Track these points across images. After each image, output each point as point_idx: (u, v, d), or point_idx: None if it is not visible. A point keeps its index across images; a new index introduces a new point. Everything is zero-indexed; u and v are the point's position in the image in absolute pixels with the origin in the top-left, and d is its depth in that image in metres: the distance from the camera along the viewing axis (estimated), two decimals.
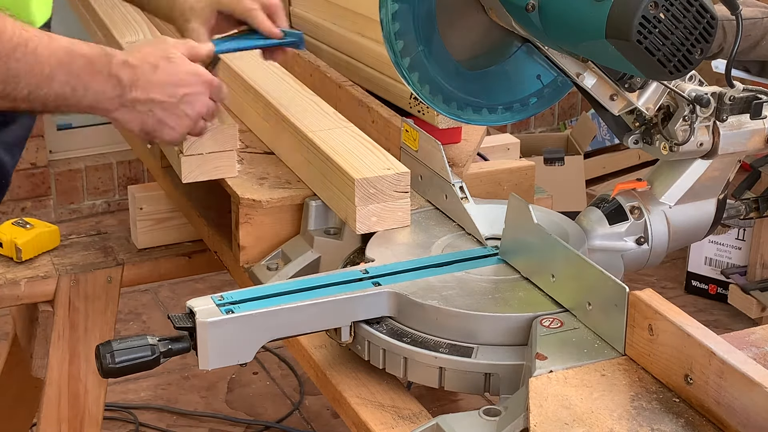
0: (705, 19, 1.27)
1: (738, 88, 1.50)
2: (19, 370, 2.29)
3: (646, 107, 1.48)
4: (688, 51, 1.28)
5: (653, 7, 1.24)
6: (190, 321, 1.32)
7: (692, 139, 1.50)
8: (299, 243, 1.69)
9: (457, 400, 2.78)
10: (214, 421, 3.05)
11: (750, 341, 1.28)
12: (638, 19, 1.24)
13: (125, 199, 3.99)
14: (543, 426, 1.16)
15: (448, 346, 1.36)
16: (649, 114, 1.49)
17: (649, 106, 1.48)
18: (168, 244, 2.16)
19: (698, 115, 1.49)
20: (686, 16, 1.27)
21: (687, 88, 1.49)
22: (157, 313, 3.54)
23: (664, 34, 1.26)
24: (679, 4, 1.26)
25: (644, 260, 1.56)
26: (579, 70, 1.46)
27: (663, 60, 1.28)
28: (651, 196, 1.56)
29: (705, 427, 1.17)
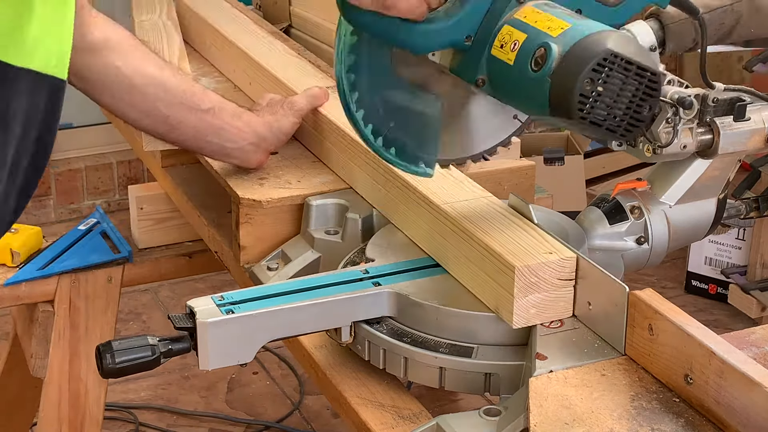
0: (646, 79, 1.22)
1: (719, 89, 1.50)
2: (19, 370, 2.29)
3: None
4: (636, 112, 1.24)
5: (590, 83, 1.19)
6: (190, 321, 1.32)
7: (675, 141, 1.50)
8: (299, 243, 1.69)
9: (457, 400, 2.78)
10: (214, 421, 3.05)
11: (750, 341, 1.28)
12: (577, 98, 1.19)
13: (125, 199, 3.99)
14: (543, 426, 1.16)
15: (448, 346, 1.36)
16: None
17: None
18: (168, 244, 2.17)
19: (681, 117, 1.49)
20: (626, 83, 1.21)
21: (670, 90, 1.49)
22: (157, 313, 3.54)
23: (607, 105, 1.21)
24: (616, 73, 1.20)
25: (644, 260, 1.56)
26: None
27: (611, 128, 1.23)
28: (651, 196, 1.56)
29: (705, 427, 1.17)
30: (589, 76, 1.19)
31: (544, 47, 1.22)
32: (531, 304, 1.32)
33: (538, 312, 1.33)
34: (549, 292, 1.33)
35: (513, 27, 1.28)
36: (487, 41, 1.30)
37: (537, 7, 1.28)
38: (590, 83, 1.19)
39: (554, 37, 1.22)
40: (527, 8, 1.29)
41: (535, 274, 1.31)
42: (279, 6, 2.50)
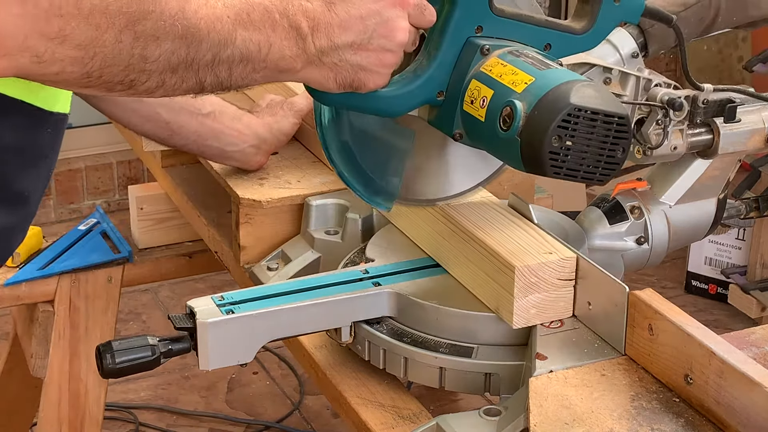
0: (614, 124, 1.21)
1: (708, 90, 1.50)
2: (19, 370, 2.29)
3: None
4: (609, 156, 1.22)
5: (557, 140, 1.19)
6: (190, 321, 1.32)
7: (666, 143, 1.50)
8: (299, 243, 1.69)
9: (457, 400, 2.78)
10: (214, 421, 3.05)
11: (750, 341, 1.28)
12: (547, 156, 1.19)
13: (125, 199, 3.99)
14: (543, 426, 1.16)
15: (448, 346, 1.36)
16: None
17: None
18: (168, 244, 2.17)
19: (672, 119, 1.49)
20: (593, 132, 1.20)
21: (660, 92, 1.49)
22: (157, 313, 3.54)
23: (579, 156, 1.21)
24: (582, 125, 1.19)
25: (644, 260, 1.57)
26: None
27: (587, 176, 1.23)
28: (651, 196, 1.56)
29: (705, 427, 1.17)
30: (556, 134, 1.18)
31: (510, 106, 1.21)
32: (531, 304, 1.32)
33: (538, 312, 1.33)
34: (549, 292, 1.33)
35: (480, 82, 1.28)
36: (458, 95, 1.30)
37: (502, 58, 1.28)
38: (558, 140, 1.19)
39: (519, 93, 1.22)
40: (492, 60, 1.28)
41: (535, 274, 1.31)
42: None
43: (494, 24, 1.30)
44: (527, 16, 1.33)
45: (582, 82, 1.21)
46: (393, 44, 1.21)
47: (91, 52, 1.03)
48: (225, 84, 1.16)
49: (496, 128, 1.23)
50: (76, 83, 1.07)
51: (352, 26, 1.19)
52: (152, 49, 1.06)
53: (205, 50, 1.10)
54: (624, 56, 1.52)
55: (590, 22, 1.34)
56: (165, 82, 1.10)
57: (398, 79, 1.29)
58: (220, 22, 1.10)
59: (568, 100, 1.18)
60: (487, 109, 1.26)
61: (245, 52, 1.13)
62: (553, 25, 1.34)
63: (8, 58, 1.01)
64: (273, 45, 1.15)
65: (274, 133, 1.80)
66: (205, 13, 1.09)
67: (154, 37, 1.06)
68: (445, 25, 1.29)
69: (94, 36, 1.02)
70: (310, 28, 1.17)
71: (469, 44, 1.30)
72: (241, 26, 1.12)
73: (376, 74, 1.23)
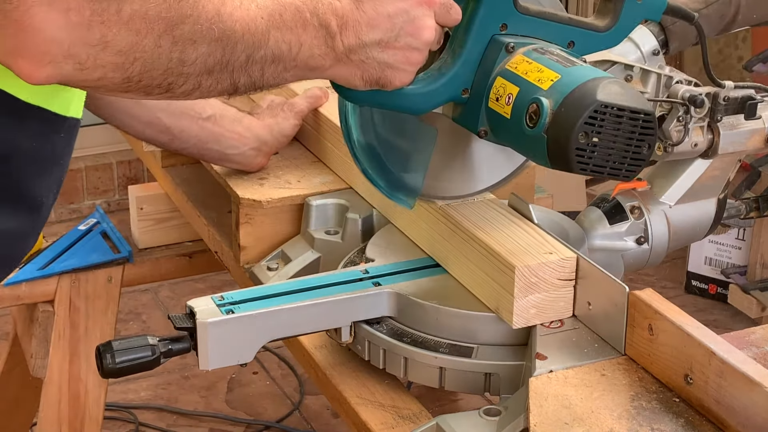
0: (640, 121, 1.21)
1: (729, 86, 1.50)
2: (19, 370, 2.29)
3: None
4: (635, 153, 1.23)
5: (584, 136, 1.19)
6: (190, 321, 1.32)
7: (687, 139, 1.50)
8: (299, 243, 1.69)
9: (457, 400, 2.78)
10: (214, 421, 3.05)
11: (750, 341, 1.28)
12: (574, 152, 1.20)
13: (125, 199, 3.99)
14: (543, 426, 1.16)
15: (448, 346, 1.36)
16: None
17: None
18: (168, 244, 2.17)
19: (693, 115, 1.49)
20: (620, 128, 1.21)
21: (681, 89, 1.49)
22: (157, 313, 3.54)
23: (605, 153, 1.21)
24: (608, 122, 1.20)
25: (644, 260, 1.57)
26: None
27: (613, 172, 1.24)
28: (651, 196, 1.56)
29: (705, 427, 1.17)
30: (582, 130, 1.19)
31: (536, 103, 1.22)
32: (531, 304, 1.32)
33: (538, 312, 1.33)
34: (549, 292, 1.33)
35: (505, 79, 1.28)
36: (483, 93, 1.31)
37: (527, 55, 1.29)
38: (585, 136, 1.19)
39: (545, 90, 1.22)
40: (518, 57, 1.29)
41: (535, 274, 1.31)
42: None
43: (519, 22, 1.31)
44: (551, 14, 1.33)
45: (608, 79, 1.22)
46: (419, 42, 1.23)
47: (131, 57, 1.06)
48: (258, 84, 1.17)
49: (522, 125, 1.24)
50: (117, 88, 1.09)
51: (379, 24, 1.20)
52: (190, 53, 1.09)
53: (240, 51, 1.12)
54: (645, 54, 1.52)
55: (613, 20, 1.35)
56: (201, 84, 1.12)
57: (423, 77, 1.30)
58: (254, 24, 1.13)
59: (595, 97, 1.19)
60: (513, 106, 1.26)
61: (277, 52, 1.15)
62: (576, 23, 1.34)
63: (53, 65, 1.03)
64: (303, 44, 1.17)
65: (274, 134, 1.80)
66: (239, 15, 1.11)
67: (191, 40, 1.08)
68: (470, 23, 1.30)
69: (135, 41, 1.05)
70: (339, 26, 1.18)
71: (494, 42, 1.30)
72: (274, 27, 1.14)
73: (402, 72, 1.24)
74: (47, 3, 1.00)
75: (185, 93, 1.13)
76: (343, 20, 1.19)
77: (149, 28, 1.05)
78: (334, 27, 1.18)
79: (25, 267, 2.01)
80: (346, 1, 1.20)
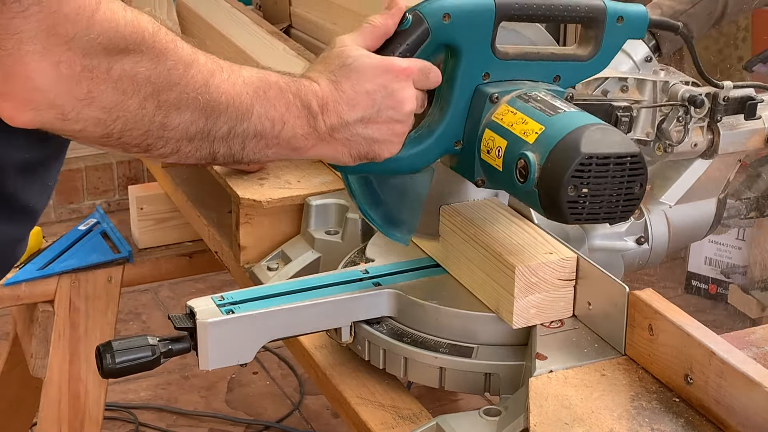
0: (627, 164, 1.21)
1: (728, 87, 1.50)
2: (19, 370, 2.29)
3: (646, 133, 1.50)
4: (627, 194, 1.23)
5: (573, 189, 1.20)
6: (190, 321, 1.32)
7: (686, 139, 1.50)
8: (299, 243, 1.69)
9: (457, 400, 2.78)
10: (214, 421, 3.05)
11: (750, 341, 1.28)
12: (565, 205, 1.20)
13: (125, 199, 3.99)
14: (543, 426, 1.16)
15: (448, 346, 1.36)
16: (650, 138, 1.50)
17: (648, 131, 1.50)
18: (168, 244, 2.17)
19: (692, 115, 1.49)
20: (607, 176, 1.21)
21: (681, 89, 1.49)
22: (157, 313, 3.54)
23: (597, 200, 1.21)
24: (595, 171, 1.20)
25: (644, 260, 1.57)
26: None
27: (608, 216, 1.24)
28: (651, 196, 1.56)
29: (705, 427, 1.17)
30: (571, 183, 1.19)
31: (524, 159, 1.22)
32: (531, 305, 1.32)
33: (538, 312, 1.32)
34: (549, 292, 1.33)
35: (493, 131, 1.29)
36: (475, 143, 1.31)
37: (511, 105, 1.29)
38: (574, 189, 1.20)
39: (531, 144, 1.23)
40: (502, 108, 1.29)
41: (535, 274, 1.31)
42: (279, 6, 2.50)
43: (500, 68, 1.31)
44: (533, 53, 1.33)
45: (590, 127, 1.21)
46: (401, 114, 1.25)
47: (114, 115, 1.07)
48: (237, 157, 1.19)
49: (514, 179, 1.25)
50: (95, 141, 1.10)
51: (359, 102, 1.22)
52: (173, 118, 1.10)
53: (222, 123, 1.14)
54: (638, 62, 1.52)
55: (596, 47, 1.35)
56: (180, 150, 1.14)
57: (414, 136, 1.31)
58: (239, 98, 1.15)
59: (579, 150, 1.19)
60: (503, 159, 1.27)
61: (260, 128, 1.17)
62: (559, 57, 1.34)
63: (35, 112, 1.04)
64: (287, 123, 1.19)
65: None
66: (226, 88, 1.13)
67: (176, 107, 1.10)
68: (452, 78, 1.30)
69: (120, 100, 1.06)
70: (320, 107, 1.21)
71: (479, 92, 1.31)
72: (258, 103, 1.16)
73: (389, 144, 1.26)
74: (40, 53, 1.00)
75: (163, 155, 1.14)
76: (324, 101, 1.21)
77: (136, 90, 1.07)
78: (315, 108, 1.20)
79: (25, 267, 2.01)
80: (324, 84, 1.22)
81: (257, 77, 1.18)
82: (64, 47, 1.01)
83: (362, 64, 1.23)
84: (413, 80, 1.26)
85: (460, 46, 1.29)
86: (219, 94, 1.13)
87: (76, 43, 1.02)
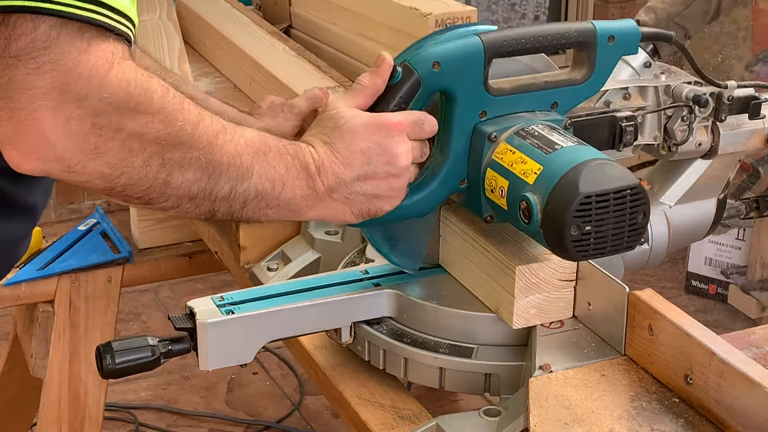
0: (627, 197, 1.22)
1: (732, 86, 1.50)
2: (19, 370, 2.29)
3: (654, 137, 1.50)
4: (631, 225, 1.23)
5: (576, 229, 1.21)
6: (190, 322, 1.32)
7: (691, 139, 1.51)
8: (299, 243, 1.69)
9: (457, 400, 2.78)
10: (214, 421, 3.05)
11: (750, 341, 1.28)
12: (570, 245, 1.21)
13: None
14: (543, 426, 1.16)
15: (448, 347, 1.36)
16: (658, 141, 1.50)
17: (656, 135, 1.50)
18: (168, 244, 2.17)
19: (697, 115, 1.49)
20: (609, 211, 1.22)
21: (685, 89, 1.50)
22: (157, 313, 3.54)
23: (601, 236, 1.22)
24: (596, 209, 1.21)
25: (644, 260, 1.56)
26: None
27: (615, 249, 1.24)
28: (651, 196, 1.56)
29: (705, 427, 1.17)
30: (573, 224, 1.20)
31: (526, 201, 1.23)
32: (531, 305, 1.32)
33: (538, 312, 1.32)
34: (549, 292, 1.33)
35: (495, 171, 1.30)
36: (480, 182, 1.32)
37: (509, 143, 1.29)
38: (577, 228, 1.21)
39: (531, 185, 1.24)
40: (501, 147, 1.30)
41: (535, 274, 1.31)
42: (279, 6, 2.50)
43: (496, 105, 1.32)
44: (527, 84, 1.34)
45: (588, 164, 1.22)
46: (398, 169, 1.27)
47: (119, 170, 1.10)
48: (236, 215, 1.22)
49: (519, 220, 1.26)
50: (99, 192, 1.13)
51: (354, 161, 1.25)
52: (176, 176, 1.13)
53: (224, 183, 1.17)
54: (637, 68, 1.52)
55: (590, 69, 1.35)
56: (180, 206, 1.17)
57: (419, 181, 1.33)
58: (240, 158, 1.17)
59: (578, 190, 1.20)
60: (507, 199, 1.28)
61: (260, 188, 1.20)
62: (554, 84, 1.35)
63: (42, 162, 1.07)
64: (286, 184, 1.22)
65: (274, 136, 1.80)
66: (228, 149, 1.16)
67: (179, 165, 1.13)
68: (449, 121, 1.31)
69: (125, 157, 1.09)
70: (317, 168, 1.24)
71: (477, 132, 1.32)
72: (258, 164, 1.19)
73: (389, 198, 1.29)
74: (52, 109, 1.03)
75: (164, 209, 1.17)
76: (320, 162, 1.24)
77: (142, 148, 1.09)
78: (312, 169, 1.23)
79: (24, 267, 2.01)
80: (319, 146, 1.25)
81: (258, 139, 1.21)
82: (76, 105, 1.04)
83: (354, 124, 1.25)
84: (407, 133, 1.27)
85: (453, 91, 1.30)
86: (222, 154, 1.16)
87: (88, 102, 1.04)
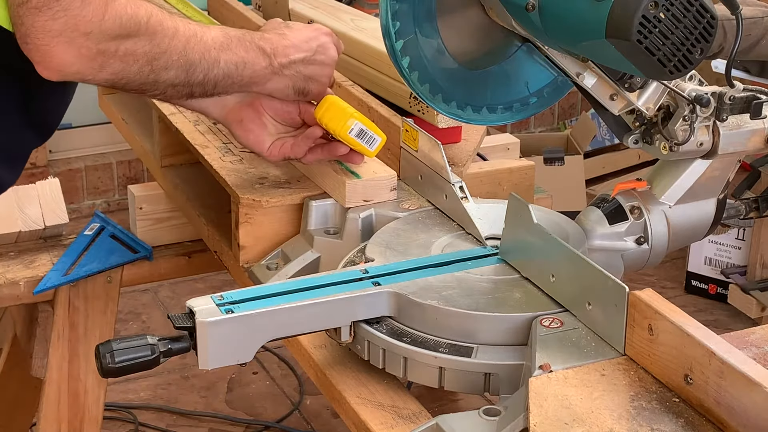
0: (705, 19, 1.27)
1: (738, 88, 1.50)
2: (19, 370, 2.29)
3: (646, 107, 1.48)
4: (688, 51, 1.28)
5: (653, 7, 1.24)
6: (189, 321, 1.32)
7: (692, 138, 1.50)
8: (299, 243, 1.69)
9: (457, 400, 2.78)
10: (214, 421, 3.05)
11: (750, 341, 1.28)
12: (638, 19, 1.24)
13: (125, 199, 3.99)
14: (543, 426, 1.16)
15: (448, 346, 1.36)
16: (649, 114, 1.49)
17: (649, 106, 1.48)
18: (168, 244, 2.16)
19: (698, 114, 1.49)
20: (686, 16, 1.26)
21: (687, 87, 1.49)
22: (157, 313, 3.54)
23: (664, 34, 1.26)
24: (680, 3, 1.25)
25: (644, 260, 1.56)
26: (579, 70, 1.46)
27: (663, 60, 1.27)
28: (651, 196, 1.56)
29: (705, 427, 1.16)
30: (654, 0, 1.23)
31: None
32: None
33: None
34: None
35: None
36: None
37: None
38: (654, 7, 1.24)
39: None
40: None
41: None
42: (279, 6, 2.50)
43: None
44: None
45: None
46: (329, 59, 1.66)
47: (120, 76, 1.46)
48: (209, 93, 1.58)
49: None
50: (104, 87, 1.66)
51: (301, 46, 1.63)
52: (162, 75, 1.49)
53: (198, 73, 1.53)
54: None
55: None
56: (167, 92, 1.53)
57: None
58: (209, 53, 1.53)
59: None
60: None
61: (227, 71, 1.56)
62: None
63: (62, 75, 1.41)
64: (247, 63, 1.58)
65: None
66: (199, 48, 1.52)
67: (164, 68, 1.49)
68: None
69: (123, 68, 1.45)
70: (272, 50, 1.60)
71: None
72: (224, 54, 1.55)
73: (319, 83, 1.66)
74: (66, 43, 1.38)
75: (153, 96, 1.55)
76: (273, 45, 1.60)
77: (135, 61, 1.45)
78: (268, 50, 1.60)
79: (48, 274, 2.01)
80: (272, 34, 1.63)
81: (222, 35, 1.55)
82: (84, 39, 1.39)
83: (301, 25, 1.69)
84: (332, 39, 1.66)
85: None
86: (194, 53, 1.51)
87: (93, 36, 1.39)
